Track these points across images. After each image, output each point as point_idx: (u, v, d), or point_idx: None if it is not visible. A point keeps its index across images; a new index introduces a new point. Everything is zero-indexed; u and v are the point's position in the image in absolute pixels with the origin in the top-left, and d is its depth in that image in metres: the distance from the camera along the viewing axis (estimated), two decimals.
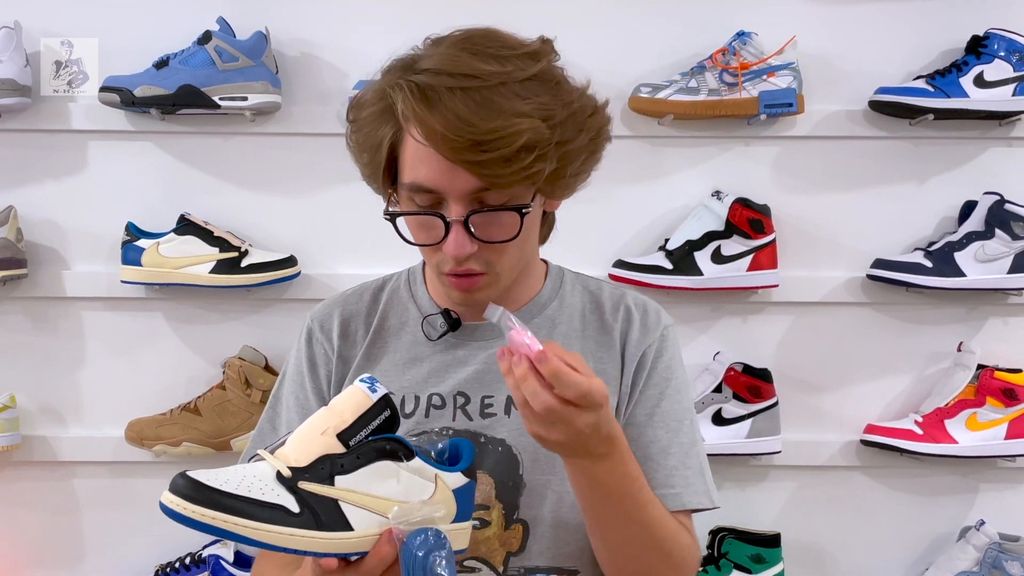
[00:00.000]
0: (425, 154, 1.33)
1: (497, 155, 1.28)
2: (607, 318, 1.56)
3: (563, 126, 1.34)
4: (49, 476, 2.63)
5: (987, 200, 2.53)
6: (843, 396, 2.64)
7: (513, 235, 1.38)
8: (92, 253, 2.60)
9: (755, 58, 2.51)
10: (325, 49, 2.59)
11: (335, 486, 1.15)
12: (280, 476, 1.14)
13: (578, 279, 1.63)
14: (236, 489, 1.11)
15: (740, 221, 2.51)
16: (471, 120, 1.28)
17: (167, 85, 2.46)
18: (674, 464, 1.48)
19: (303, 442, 1.18)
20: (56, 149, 2.59)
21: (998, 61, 2.51)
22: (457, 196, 1.34)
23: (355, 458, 1.17)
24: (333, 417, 1.19)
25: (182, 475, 1.12)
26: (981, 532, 2.53)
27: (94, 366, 2.62)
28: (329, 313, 1.61)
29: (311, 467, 1.15)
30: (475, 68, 1.31)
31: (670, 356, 1.55)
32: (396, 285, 1.63)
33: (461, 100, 1.28)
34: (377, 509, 1.16)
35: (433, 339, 1.54)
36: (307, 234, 2.60)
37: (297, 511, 1.13)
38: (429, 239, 1.39)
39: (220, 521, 1.10)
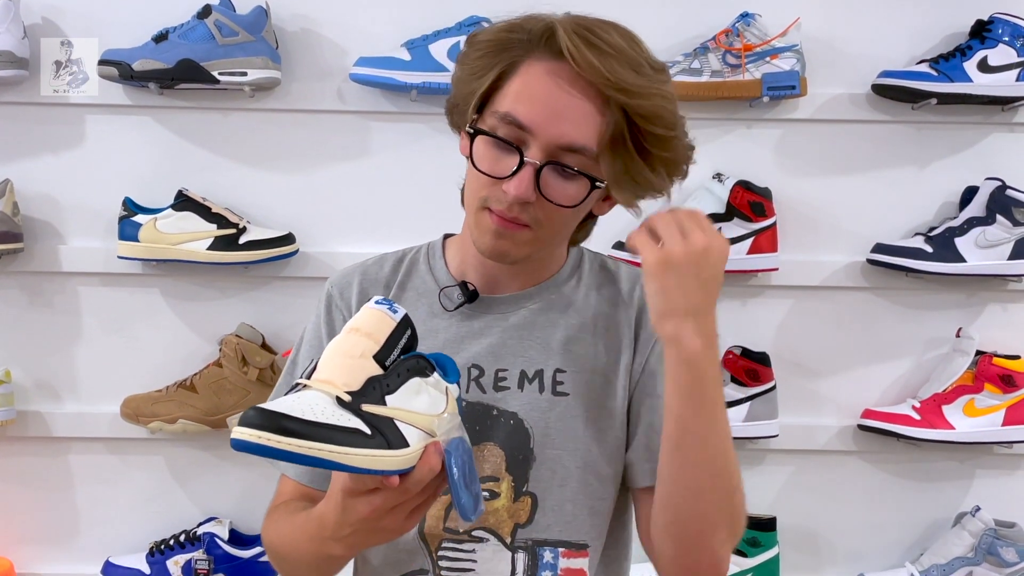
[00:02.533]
0: (536, 91, 1.35)
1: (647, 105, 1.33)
2: (623, 296, 1.56)
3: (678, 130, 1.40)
4: (44, 452, 2.63)
5: (988, 186, 2.53)
6: (841, 380, 2.64)
7: (574, 203, 1.38)
8: (89, 228, 2.58)
9: (758, 40, 2.49)
10: (325, 25, 2.58)
11: (387, 406, 1.16)
12: (341, 401, 1.14)
13: (596, 258, 1.63)
14: (312, 417, 1.11)
15: (741, 204, 2.50)
16: (622, 71, 1.32)
17: (166, 59, 2.44)
18: None
19: (344, 367, 1.18)
20: (54, 123, 2.57)
21: (1002, 46, 2.50)
22: (545, 141, 1.34)
23: (396, 377, 1.18)
24: (364, 340, 1.19)
25: (253, 408, 1.10)
26: (976, 518, 2.53)
27: (90, 342, 2.61)
28: (349, 281, 1.60)
29: (363, 390, 1.16)
30: (616, 41, 1.35)
31: None
32: (416, 257, 1.62)
33: (612, 57, 1.33)
34: (418, 424, 1.18)
35: (449, 310, 1.54)
36: (305, 212, 2.59)
37: (370, 433, 1.13)
38: (495, 171, 1.38)
39: (300, 447, 1.08)
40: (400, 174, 2.58)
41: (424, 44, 2.47)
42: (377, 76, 2.46)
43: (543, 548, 1.48)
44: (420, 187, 2.57)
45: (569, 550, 1.49)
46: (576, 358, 1.52)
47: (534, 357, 1.51)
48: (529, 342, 1.52)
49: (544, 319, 1.54)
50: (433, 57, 2.46)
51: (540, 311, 1.54)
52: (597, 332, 1.53)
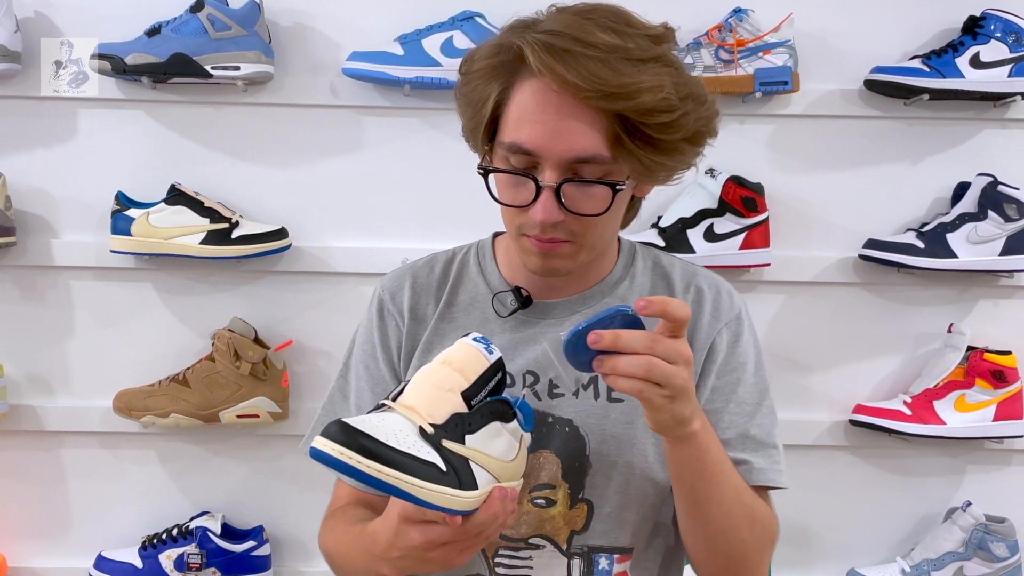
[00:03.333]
0: (531, 114, 1.33)
1: (635, 105, 1.29)
2: (676, 297, 1.53)
3: (684, 103, 1.34)
4: (36, 446, 2.62)
5: (980, 182, 2.53)
6: (832, 376, 2.65)
7: (602, 210, 1.36)
8: (81, 222, 2.58)
9: (751, 35, 2.50)
10: (319, 19, 2.57)
11: (466, 445, 1.17)
12: (423, 432, 1.15)
13: (649, 254, 1.61)
14: (395, 442, 1.12)
15: (733, 199, 2.50)
16: (600, 74, 1.28)
17: (159, 53, 2.44)
18: (753, 446, 1.49)
19: (430, 398, 1.19)
20: (46, 117, 2.56)
21: (994, 42, 2.50)
22: (555, 161, 1.32)
23: (479, 418, 1.19)
24: (454, 375, 1.20)
25: (337, 422, 1.11)
26: (967, 513, 2.54)
27: (82, 336, 2.61)
28: (400, 285, 1.59)
29: (447, 425, 1.17)
30: (597, 37, 1.30)
31: (746, 340, 1.54)
32: (465, 259, 1.61)
33: (590, 60, 1.28)
34: (490, 468, 1.19)
35: (503, 316, 1.53)
36: (298, 206, 2.59)
37: (445, 469, 1.14)
38: (517, 200, 1.38)
39: (378, 472, 1.10)
40: (393, 168, 2.58)
41: (417, 39, 2.47)
42: (370, 71, 2.45)
43: (599, 555, 1.49)
44: (413, 181, 2.57)
45: (622, 555, 1.50)
46: None
47: None
48: None
49: None
50: (426, 52, 2.45)
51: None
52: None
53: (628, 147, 1.32)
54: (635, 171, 1.36)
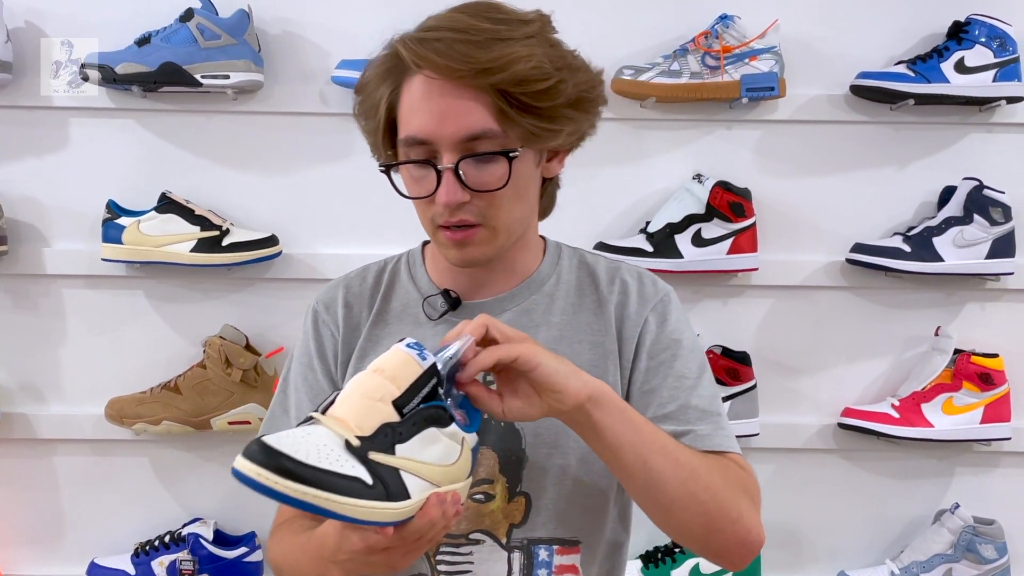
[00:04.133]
0: (419, 105, 1.38)
1: (508, 76, 1.34)
2: (602, 291, 1.57)
3: (560, 72, 1.39)
4: (29, 454, 2.63)
5: (966, 185, 2.55)
6: (821, 379, 2.66)
7: (503, 182, 1.40)
8: (73, 231, 2.59)
9: (737, 41, 2.51)
10: (308, 28, 2.59)
11: (396, 455, 1.16)
12: (349, 445, 1.14)
13: (575, 253, 1.64)
14: (315, 460, 1.11)
15: (721, 204, 2.52)
16: (470, 53, 1.33)
17: (149, 62, 2.45)
18: (696, 416, 1.47)
19: (360, 408, 1.18)
20: (37, 126, 2.58)
21: (979, 47, 2.51)
22: (448, 143, 1.37)
23: (411, 426, 1.18)
24: (386, 383, 1.19)
25: (257, 442, 1.10)
26: (956, 515, 2.55)
27: (74, 344, 2.62)
28: (333, 296, 1.62)
29: (375, 436, 1.16)
30: (470, 24, 1.36)
31: (675, 319, 1.55)
32: (397, 267, 1.64)
33: (460, 43, 1.34)
34: (425, 475, 1.18)
35: (434, 319, 1.55)
36: (289, 213, 2.60)
37: (371, 483, 1.13)
38: (423, 191, 1.42)
39: (299, 493, 1.09)
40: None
41: None
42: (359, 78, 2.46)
43: (538, 546, 1.50)
44: None
45: (563, 547, 1.50)
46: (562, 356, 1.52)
47: None
48: None
49: (527, 320, 1.55)
50: None
51: (522, 312, 1.55)
52: (580, 330, 1.54)
53: (513, 118, 1.37)
54: (525, 139, 1.40)
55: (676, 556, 2.54)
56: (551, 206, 1.63)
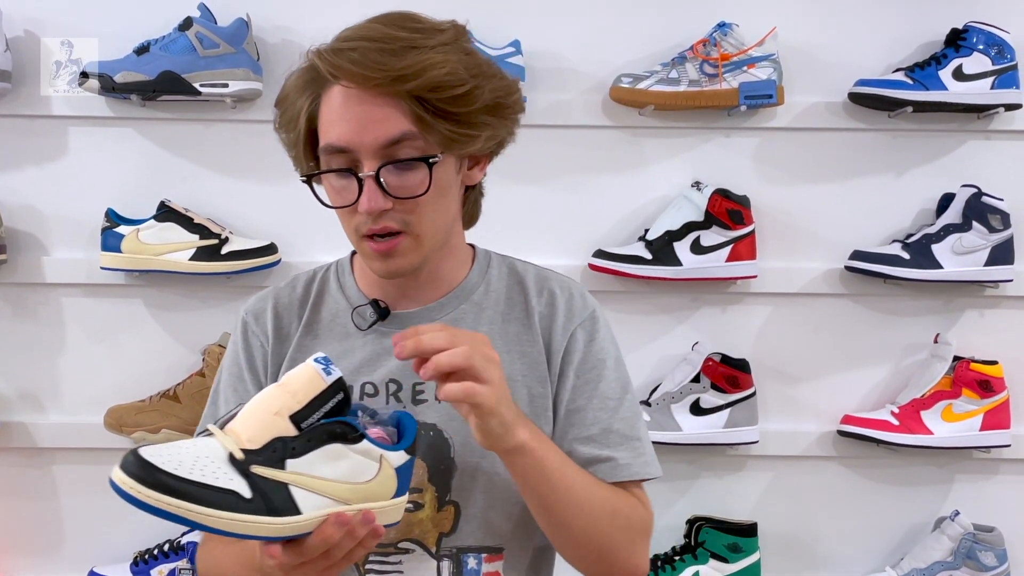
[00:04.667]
0: (337, 114, 1.38)
1: (423, 82, 1.34)
2: (531, 301, 1.58)
3: (475, 79, 1.40)
4: (28, 462, 2.63)
5: (965, 193, 2.55)
6: (820, 387, 2.66)
7: (425, 188, 1.40)
8: (72, 239, 2.59)
9: (735, 49, 2.51)
10: (307, 36, 2.52)
11: (286, 470, 1.14)
12: (232, 458, 1.13)
13: (504, 261, 1.64)
14: (188, 473, 1.09)
15: (719, 212, 2.52)
16: (385, 61, 1.34)
17: (148, 71, 2.45)
18: (617, 440, 1.52)
19: (255, 422, 1.17)
20: (36, 135, 2.58)
21: (977, 54, 2.52)
22: (369, 151, 1.37)
23: (307, 441, 1.16)
24: (286, 397, 1.17)
25: (133, 453, 1.10)
26: (956, 523, 2.55)
27: (73, 352, 2.62)
28: (263, 307, 1.62)
29: (263, 450, 1.14)
30: (385, 33, 1.37)
31: (603, 337, 1.58)
32: (326, 277, 1.64)
33: (375, 51, 1.35)
34: (324, 491, 1.16)
35: (363, 329, 1.55)
36: (287, 221, 2.60)
37: (249, 496, 1.12)
38: (345, 200, 1.41)
39: (171, 506, 1.08)
40: None
41: None
42: None
43: (467, 555, 1.51)
44: None
45: (490, 555, 1.52)
46: None
47: None
48: None
49: None
50: None
51: (452, 322, 1.54)
52: (509, 340, 1.55)
53: (431, 123, 1.37)
54: (444, 145, 1.41)
55: (676, 564, 2.53)
56: (476, 214, 1.62)
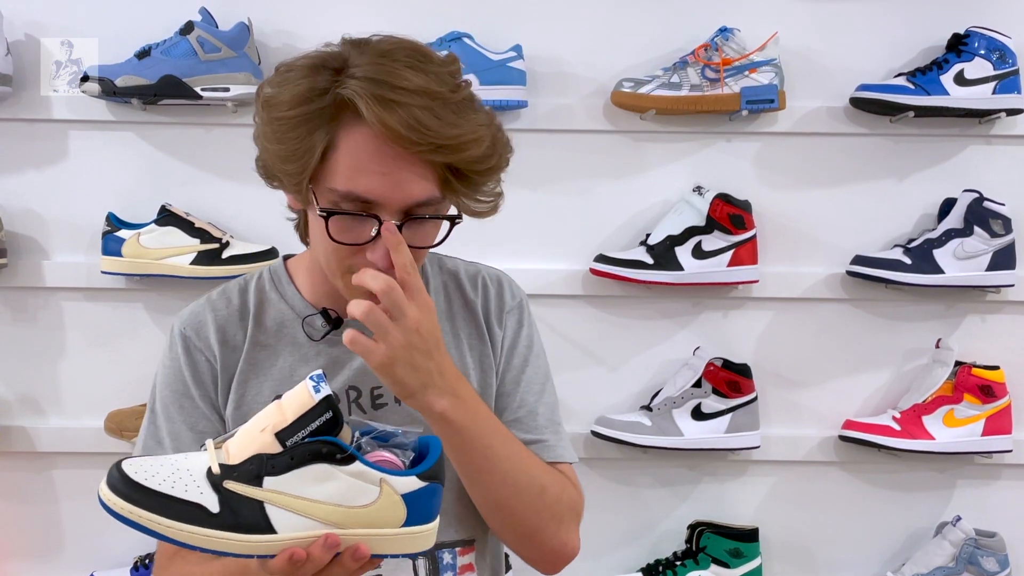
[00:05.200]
0: (367, 164, 1.34)
1: (465, 156, 1.34)
2: (468, 294, 1.61)
3: (498, 149, 1.41)
4: (28, 467, 2.63)
5: (966, 198, 2.55)
6: (822, 392, 2.66)
7: (439, 241, 1.42)
8: (72, 243, 2.59)
9: (737, 54, 2.51)
10: (308, 40, 2.53)
11: (262, 487, 1.13)
12: (210, 472, 1.13)
13: (433, 258, 1.65)
14: (160, 485, 1.10)
15: (721, 216, 2.52)
16: (433, 128, 1.31)
17: (149, 75, 2.45)
18: (543, 423, 1.56)
19: (243, 438, 1.16)
20: (37, 139, 2.58)
21: (978, 59, 2.52)
22: (394, 208, 1.35)
23: (288, 459, 1.14)
24: (276, 415, 1.16)
25: (116, 467, 1.12)
26: (957, 528, 2.55)
27: (74, 357, 2.62)
28: (202, 320, 1.56)
29: (241, 465, 1.13)
30: (411, 82, 1.32)
31: (529, 324, 1.63)
32: (260, 286, 1.60)
33: (416, 108, 1.30)
34: (307, 512, 1.14)
35: (316, 339, 1.54)
36: (288, 226, 2.57)
37: (216, 511, 1.11)
38: (355, 238, 1.37)
39: (141, 518, 1.10)
40: None
41: None
42: None
43: (442, 551, 1.52)
44: None
45: (463, 547, 1.54)
46: None
47: None
48: None
49: None
50: None
51: None
52: (457, 335, 1.58)
53: (455, 189, 1.38)
54: (458, 207, 1.43)
55: (677, 569, 2.53)
56: None
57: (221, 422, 1.54)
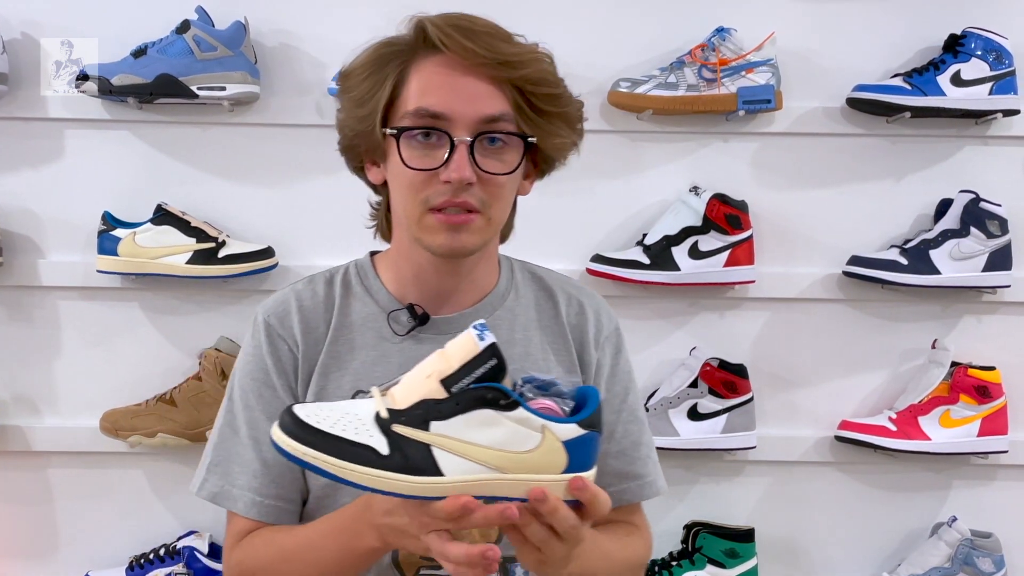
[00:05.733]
0: (437, 82, 1.40)
1: (529, 73, 1.40)
2: (560, 308, 1.60)
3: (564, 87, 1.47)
4: (23, 466, 2.62)
5: (963, 198, 2.55)
6: (818, 392, 2.66)
7: (514, 167, 1.42)
8: (68, 242, 2.58)
9: (734, 54, 2.51)
10: (304, 40, 2.59)
11: (429, 431, 1.15)
12: (378, 417, 1.16)
13: (524, 266, 1.66)
14: (330, 427, 1.14)
15: (717, 217, 2.52)
16: (496, 44, 1.39)
17: (145, 74, 2.45)
18: (646, 454, 1.59)
19: (409, 384, 1.19)
20: (33, 137, 2.57)
21: (975, 60, 2.52)
22: (466, 122, 1.39)
23: (454, 404, 1.16)
24: (441, 362, 1.19)
25: (288, 411, 1.16)
26: (953, 528, 2.55)
27: (69, 356, 2.61)
28: (286, 309, 1.58)
29: (408, 410, 1.16)
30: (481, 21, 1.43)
31: (626, 351, 1.64)
32: (346, 279, 1.61)
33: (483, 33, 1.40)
34: (472, 456, 1.16)
35: (400, 335, 1.54)
36: (285, 225, 2.59)
37: (386, 453, 1.14)
38: (428, 164, 1.40)
39: (313, 458, 1.14)
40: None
41: None
42: None
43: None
44: None
45: None
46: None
47: None
48: None
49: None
50: None
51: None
52: (546, 347, 1.57)
53: (525, 112, 1.42)
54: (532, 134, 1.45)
55: (673, 569, 2.53)
56: (511, 229, 1.64)
57: None
